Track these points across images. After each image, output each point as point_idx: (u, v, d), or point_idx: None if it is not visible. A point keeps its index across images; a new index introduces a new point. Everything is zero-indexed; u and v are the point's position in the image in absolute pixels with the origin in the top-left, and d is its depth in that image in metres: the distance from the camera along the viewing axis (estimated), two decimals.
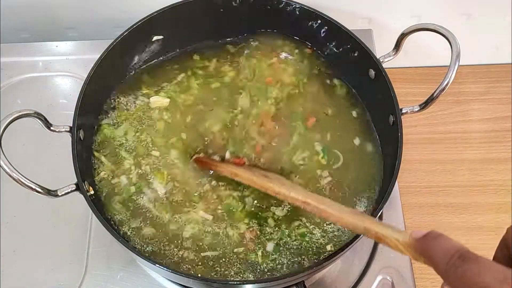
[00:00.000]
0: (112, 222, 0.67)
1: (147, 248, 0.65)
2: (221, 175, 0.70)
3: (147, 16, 0.75)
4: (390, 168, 0.65)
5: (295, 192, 0.61)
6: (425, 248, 0.44)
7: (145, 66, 0.80)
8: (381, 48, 0.88)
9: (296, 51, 0.82)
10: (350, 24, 0.76)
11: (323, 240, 0.66)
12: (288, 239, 0.66)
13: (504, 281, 0.35)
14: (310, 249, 0.66)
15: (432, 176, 0.91)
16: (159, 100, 0.76)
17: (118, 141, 0.73)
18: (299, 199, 0.60)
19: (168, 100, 0.77)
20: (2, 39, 0.98)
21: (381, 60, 0.71)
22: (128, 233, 0.66)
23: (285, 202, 0.68)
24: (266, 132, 0.74)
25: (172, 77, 0.80)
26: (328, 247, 0.65)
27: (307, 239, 0.66)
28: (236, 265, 0.65)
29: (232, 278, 0.63)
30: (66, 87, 0.93)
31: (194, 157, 0.72)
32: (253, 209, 0.68)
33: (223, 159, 0.72)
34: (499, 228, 0.85)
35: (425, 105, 0.66)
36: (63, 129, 0.64)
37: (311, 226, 0.67)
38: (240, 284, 0.60)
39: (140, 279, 0.74)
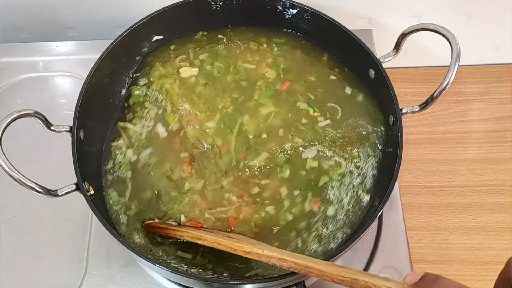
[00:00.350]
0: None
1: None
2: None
3: (147, 16, 0.75)
4: (390, 168, 0.65)
5: (269, 250, 0.57)
6: None
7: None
8: (381, 48, 0.88)
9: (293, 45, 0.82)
10: (350, 24, 0.76)
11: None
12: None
13: None
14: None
15: (432, 176, 0.91)
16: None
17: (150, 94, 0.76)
18: (274, 256, 0.56)
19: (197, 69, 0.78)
20: (2, 39, 0.98)
21: (381, 60, 0.71)
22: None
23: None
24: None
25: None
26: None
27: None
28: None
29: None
30: (66, 87, 0.93)
31: (145, 223, 0.68)
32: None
33: (178, 224, 0.68)
34: (499, 228, 0.85)
35: (425, 105, 0.66)
36: (63, 129, 0.64)
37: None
38: (240, 284, 0.60)
39: (140, 279, 0.74)
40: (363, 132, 0.72)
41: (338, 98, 0.75)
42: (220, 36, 0.82)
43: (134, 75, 0.79)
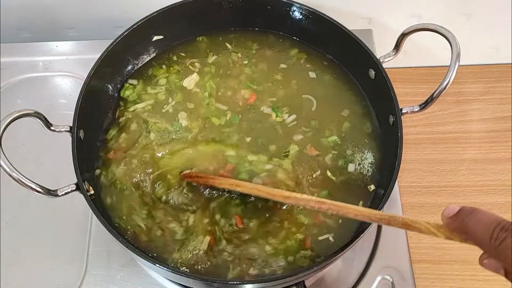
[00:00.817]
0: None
1: None
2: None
3: (147, 16, 0.75)
4: (390, 168, 0.65)
5: (307, 195, 0.60)
6: (462, 225, 0.43)
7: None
8: (381, 48, 0.88)
9: (295, 50, 0.82)
10: (350, 24, 0.76)
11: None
12: None
13: None
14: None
15: (432, 176, 0.91)
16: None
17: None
18: (313, 199, 0.59)
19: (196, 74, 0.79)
20: (2, 39, 0.98)
21: (381, 60, 0.71)
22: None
23: None
24: None
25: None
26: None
27: None
28: None
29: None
30: (66, 87, 0.93)
31: (182, 173, 0.69)
32: None
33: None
34: None
35: (425, 105, 0.66)
36: (63, 129, 0.64)
37: None
38: (240, 284, 0.60)
39: (140, 279, 0.74)
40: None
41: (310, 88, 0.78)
42: (221, 42, 0.83)
43: (134, 75, 0.79)
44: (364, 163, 0.71)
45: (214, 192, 0.69)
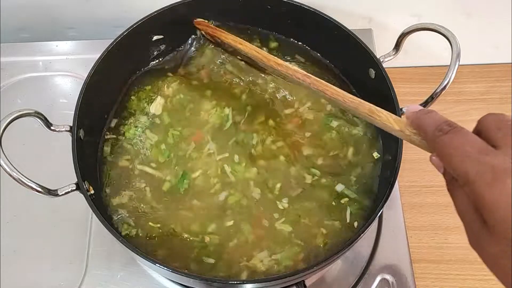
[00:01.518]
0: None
1: None
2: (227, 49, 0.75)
3: (147, 16, 0.75)
4: (390, 168, 0.65)
5: (296, 67, 0.66)
6: (417, 119, 0.48)
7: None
8: (381, 48, 0.88)
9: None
10: (350, 24, 0.76)
11: None
12: None
13: (483, 152, 0.40)
14: None
15: (432, 175, 0.91)
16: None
17: None
18: (300, 72, 0.64)
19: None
20: (2, 39, 0.99)
21: (381, 60, 0.71)
22: None
23: None
24: None
25: None
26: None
27: None
28: None
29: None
30: (66, 87, 0.93)
31: (196, 20, 0.76)
32: None
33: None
34: None
35: (425, 104, 0.66)
36: (63, 129, 0.64)
37: None
38: (240, 283, 0.60)
39: (140, 278, 0.74)
40: None
41: None
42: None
43: (134, 75, 0.79)
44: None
45: None
